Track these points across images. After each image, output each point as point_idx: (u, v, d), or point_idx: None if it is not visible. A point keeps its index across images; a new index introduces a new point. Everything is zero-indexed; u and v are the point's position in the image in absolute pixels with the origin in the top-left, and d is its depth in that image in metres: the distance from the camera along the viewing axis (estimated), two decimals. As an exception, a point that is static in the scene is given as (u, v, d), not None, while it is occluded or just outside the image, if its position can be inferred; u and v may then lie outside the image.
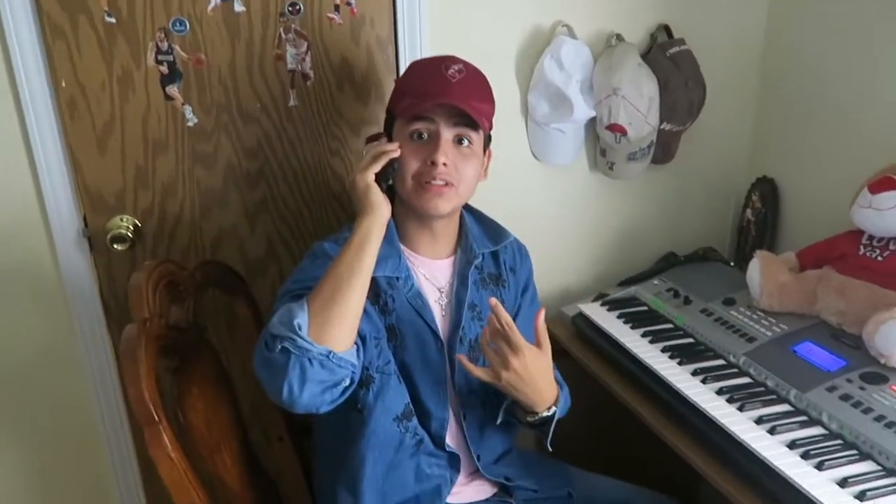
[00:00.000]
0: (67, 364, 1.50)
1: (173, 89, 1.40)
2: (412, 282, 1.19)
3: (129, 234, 1.42)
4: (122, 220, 1.44)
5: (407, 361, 1.17)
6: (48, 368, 1.49)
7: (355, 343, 1.04)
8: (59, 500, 1.60)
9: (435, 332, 1.18)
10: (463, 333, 1.21)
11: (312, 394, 0.98)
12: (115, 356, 1.51)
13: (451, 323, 1.22)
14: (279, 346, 0.97)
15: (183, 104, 1.41)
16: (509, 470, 1.29)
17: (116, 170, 1.41)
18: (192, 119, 1.42)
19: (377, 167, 1.11)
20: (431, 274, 1.23)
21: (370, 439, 1.14)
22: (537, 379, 1.11)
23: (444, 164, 1.12)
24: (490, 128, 1.21)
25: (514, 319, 1.24)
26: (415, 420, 1.18)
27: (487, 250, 1.27)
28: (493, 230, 1.30)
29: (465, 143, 1.15)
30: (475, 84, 1.17)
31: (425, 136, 1.14)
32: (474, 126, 1.15)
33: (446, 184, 1.13)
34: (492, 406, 1.24)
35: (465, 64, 1.17)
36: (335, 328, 0.99)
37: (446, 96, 1.11)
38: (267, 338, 0.99)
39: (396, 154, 1.13)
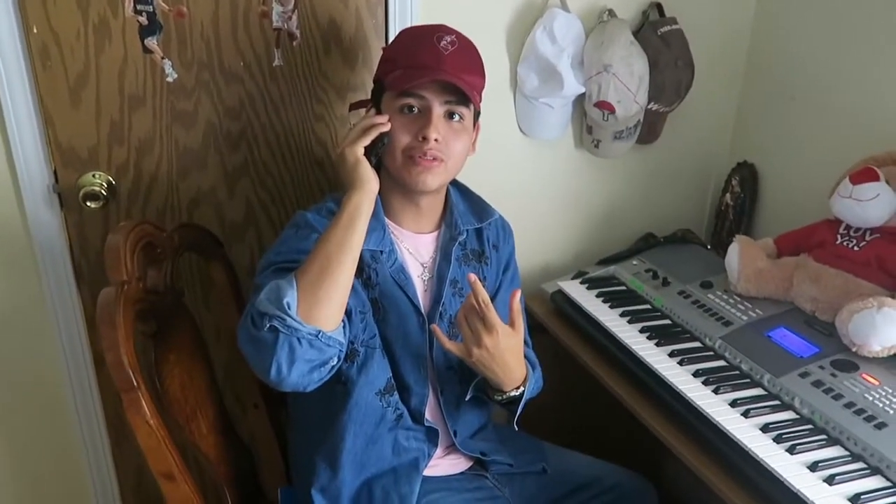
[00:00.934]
0: (35, 325, 1.45)
1: (152, 42, 1.34)
2: (396, 256, 1.17)
3: (102, 191, 1.37)
4: (94, 176, 1.38)
5: (388, 336, 1.16)
6: (15, 329, 1.44)
7: (342, 321, 1.03)
8: (25, 467, 1.56)
9: (417, 308, 1.18)
10: (443, 309, 1.20)
11: (301, 373, 0.97)
12: (84, 317, 1.47)
13: (432, 298, 1.21)
14: (267, 325, 0.95)
15: (162, 58, 1.35)
16: (485, 445, 1.30)
17: (90, 124, 1.35)
18: (171, 74, 1.36)
19: (367, 140, 1.09)
20: (415, 248, 1.22)
21: (352, 412, 1.13)
22: (507, 358, 1.11)
23: (436, 140, 1.10)
24: (480, 101, 1.19)
25: (494, 297, 1.27)
26: (396, 395, 1.17)
27: (472, 227, 1.26)
28: (479, 207, 1.29)
29: (457, 118, 1.13)
30: (467, 57, 1.14)
31: (416, 109, 1.11)
32: (466, 102, 1.13)
33: (435, 159, 1.11)
34: (468, 383, 1.24)
35: (458, 35, 1.14)
36: (324, 307, 0.98)
37: (439, 71, 1.09)
38: (254, 314, 0.97)
39: (387, 128, 1.10)
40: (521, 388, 1.18)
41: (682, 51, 1.59)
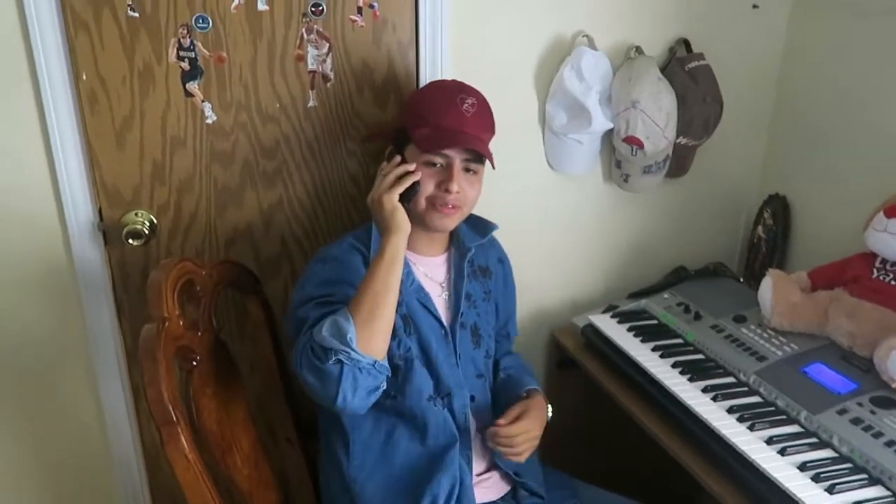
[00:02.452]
0: (77, 357, 1.49)
1: (194, 86, 1.39)
2: (413, 277, 1.27)
3: (144, 229, 1.41)
4: (137, 214, 1.43)
5: (424, 346, 1.25)
6: (57, 360, 1.49)
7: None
8: (61, 496, 1.59)
9: (439, 320, 1.27)
10: (463, 320, 1.31)
11: (361, 398, 1.08)
12: (124, 351, 1.51)
13: (452, 312, 1.31)
14: (333, 358, 1.04)
15: (203, 101, 1.40)
16: (518, 467, 1.33)
17: (134, 164, 1.41)
18: (211, 116, 1.42)
19: (401, 188, 1.20)
20: (430, 271, 1.32)
21: (406, 422, 1.22)
22: (537, 427, 1.28)
23: (457, 192, 1.23)
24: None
25: (499, 308, 1.41)
26: (443, 400, 1.25)
27: (476, 243, 1.36)
28: (479, 225, 1.39)
29: (472, 171, 1.27)
30: (484, 117, 1.29)
31: (439, 164, 1.24)
32: (482, 159, 1.26)
33: (455, 206, 1.25)
34: (497, 400, 1.35)
35: (477, 96, 1.28)
36: (378, 339, 1.09)
37: (463, 135, 1.23)
38: (316, 348, 1.06)
39: (418, 177, 1.22)
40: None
41: (711, 86, 1.60)
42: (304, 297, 1.18)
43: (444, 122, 1.23)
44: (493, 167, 1.28)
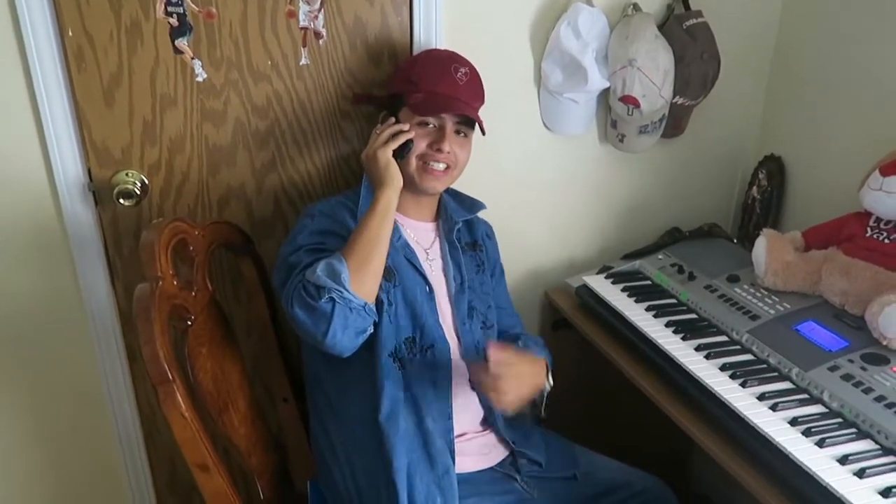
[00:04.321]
0: (71, 320, 1.48)
1: (182, 43, 1.36)
2: (399, 233, 1.31)
3: (136, 189, 1.40)
4: (128, 175, 1.41)
5: (409, 299, 1.27)
6: (52, 324, 1.48)
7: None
8: (60, 461, 1.60)
9: (423, 275, 1.30)
10: (456, 287, 1.34)
11: (350, 338, 1.12)
12: (118, 312, 1.50)
13: (450, 279, 1.34)
14: (326, 297, 1.09)
15: (192, 58, 1.38)
16: (516, 436, 1.34)
17: (123, 124, 1.38)
18: (201, 74, 1.39)
19: (395, 145, 1.24)
20: (417, 234, 1.35)
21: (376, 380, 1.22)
22: (526, 382, 1.20)
23: (448, 152, 1.28)
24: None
25: (494, 288, 1.43)
26: (407, 356, 1.25)
27: (463, 218, 1.40)
28: (467, 202, 1.43)
29: (463, 134, 1.31)
30: (476, 86, 1.34)
31: (432, 125, 1.28)
32: (472, 124, 1.31)
33: (447, 167, 1.29)
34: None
35: (469, 66, 1.33)
36: (369, 283, 1.14)
37: (457, 101, 1.29)
38: (309, 287, 1.10)
39: (412, 135, 1.26)
40: (546, 385, 1.29)
41: (708, 44, 1.58)
42: (296, 246, 1.22)
43: (439, 89, 1.28)
44: (483, 133, 1.32)
